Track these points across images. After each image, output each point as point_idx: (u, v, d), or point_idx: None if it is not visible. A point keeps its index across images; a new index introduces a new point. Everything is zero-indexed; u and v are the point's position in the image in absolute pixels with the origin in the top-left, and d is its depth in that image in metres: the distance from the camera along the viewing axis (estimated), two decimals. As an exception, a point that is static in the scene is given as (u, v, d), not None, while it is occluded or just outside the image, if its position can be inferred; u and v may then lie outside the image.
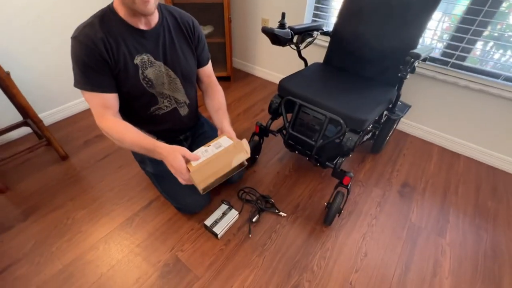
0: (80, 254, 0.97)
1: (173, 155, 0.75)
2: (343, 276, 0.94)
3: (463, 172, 1.39)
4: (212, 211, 1.12)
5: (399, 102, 1.22)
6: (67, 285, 0.88)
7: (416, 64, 0.91)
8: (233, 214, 1.05)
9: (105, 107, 0.82)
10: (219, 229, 1.01)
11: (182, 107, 1.02)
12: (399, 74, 0.93)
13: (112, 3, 0.80)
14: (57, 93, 1.57)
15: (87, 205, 1.13)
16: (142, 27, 0.82)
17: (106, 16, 0.78)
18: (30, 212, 1.10)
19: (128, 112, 0.98)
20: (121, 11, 0.79)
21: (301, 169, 1.35)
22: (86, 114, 1.67)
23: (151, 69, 0.87)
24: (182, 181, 0.78)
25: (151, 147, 0.78)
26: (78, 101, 1.67)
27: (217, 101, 1.01)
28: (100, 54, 0.76)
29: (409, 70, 0.89)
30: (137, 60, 0.84)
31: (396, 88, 1.13)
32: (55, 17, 1.41)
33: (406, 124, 1.62)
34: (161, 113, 0.97)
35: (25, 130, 1.49)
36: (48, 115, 1.56)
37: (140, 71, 0.85)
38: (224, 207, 1.09)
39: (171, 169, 0.77)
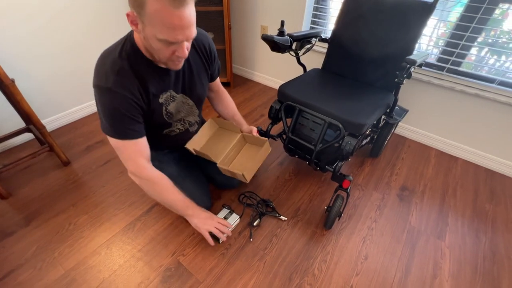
0: (82, 259, 0.97)
1: (207, 223, 0.95)
2: (344, 280, 0.94)
3: (461, 175, 1.40)
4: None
5: (396, 107, 1.25)
6: (69, 290, 0.89)
7: (412, 69, 0.93)
8: (234, 218, 1.06)
9: (139, 154, 0.81)
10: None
11: (192, 126, 1.04)
12: (396, 80, 0.95)
13: (132, 37, 0.74)
14: (60, 100, 1.59)
15: (89, 210, 1.14)
16: (165, 66, 0.79)
17: (133, 58, 0.73)
18: (32, 217, 1.11)
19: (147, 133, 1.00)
20: (147, 53, 0.75)
21: (301, 173, 1.36)
22: (88, 120, 1.69)
23: (173, 104, 0.88)
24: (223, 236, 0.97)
25: (190, 212, 0.95)
26: (80, 107, 1.69)
27: (230, 109, 1.14)
28: (137, 102, 0.75)
29: (405, 75, 0.92)
30: (162, 98, 0.84)
31: (393, 93, 1.16)
32: (59, 26, 1.43)
33: (404, 128, 1.65)
34: (173, 134, 0.99)
35: (27, 136, 1.50)
36: (50, 121, 1.58)
37: (164, 108, 0.86)
38: (225, 211, 1.10)
39: (200, 230, 0.96)
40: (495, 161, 1.42)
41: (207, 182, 1.16)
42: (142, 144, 0.82)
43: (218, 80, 1.08)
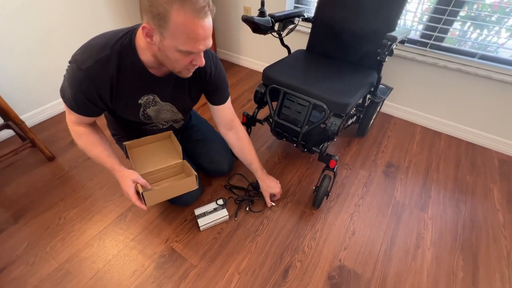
0: (75, 252, 0.98)
1: (124, 180, 0.79)
2: (333, 254, 0.98)
3: (444, 149, 1.45)
4: (204, 203, 1.14)
5: (381, 85, 1.25)
6: (65, 282, 0.90)
7: (394, 46, 0.93)
8: (223, 214, 1.06)
9: (81, 120, 0.80)
10: (204, 222, 1.03)
11: (177, 123, 1.02)
12: (378, 58, 0.95)
13: (133, 36, 0.70)
14: (39, 94, 1.53)
15: (78, 204, 1.14)
16: (158, 74, 0.77)
17: (125, 54, 0.70)
18: (20, 214, 1.09)
19: (118, 124, 0.97)
20: (145, 56, 0.71)
21: (289, 156, 1.38)
22: (70, 113, 1.63)
23: (154, 107, 0.85)
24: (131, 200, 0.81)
25: (109, 168, 0.82)
26: (61, 100, 1.63)
27: (250, 156, 1.05)
28: (101, 95, 0.73)
29: (386, 53, 0.92)
30: (142, 100, 0.81)
31: (376, 71, 1.16)
32: (31, 15, 1.35)
33: (389, 107, 1.67)
34: (156, 129, 0.97)
35: (7, 133, 1.45)
36: (30, 116, 1.52)
37: (142, 109, 0.83)
38: (218, 203, 1.10)
39: (123, 192, 0.81)
40: (476, 135, 1.47)
41: (196, 170, 1.16)
42: (88, 120, 0.81)
43: (227, 109, 0.99)
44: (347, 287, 0.90)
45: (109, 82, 0.71)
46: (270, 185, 1.08)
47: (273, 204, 1.12)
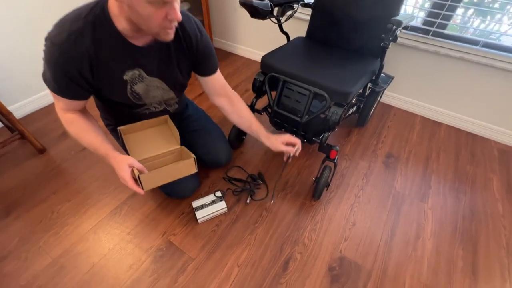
0: (69, 246, 0.95)
1: (120, 165, 0.74)
2: (333, 246, 0.97)
3: (444, 140, 1.43)
4: (202, 195, 1.11)
5: (382, 74, 1.22)
6: (59, 276, 0.87)
7: (398, 32, 0.90)
8: (221, 206, 1.04)
9: (69, 106, 0.76)
10: (202, 214, 1.01)
11: (172, 107, 0.97)
12: (382, 44, 0.92)
13: (106, 3, 0.65)
14: (27, 83, 1.46)
15: (71, 198, 1.10)
16: (139, 44, 0.72)
17: (99, 24, 0.65)
18: (11, 208, 1.06)
19: (109, 110, 0.93)
20: (120, 24, 0.66)
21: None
22: (61, 104, 1.57)
23: (141, 84, 0.80)
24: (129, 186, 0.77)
25: (103, 154, 0.77)
26: (51, 90, 1.57)
27: (246, 119, 0.96)
28: (81, 72, 0.68)
29: (391, 38, 0.88)
30: (127, 75, 0.76)
31: (379, 59, 1.13)
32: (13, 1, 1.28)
33: (389, 97, 1.64)
34: (148, 112, 0.93)
35: (-5, 125, 1.40)
36: (19, 107, 1.46)
37: (129, 87, 0.78)
38: (216, 195, 1.07)
39: (119, 177, 0.76)
40: (476, 125, 1.46)
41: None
42: (76, 105, 0.77)
43: (221, 80, 0.95)
44: (347, 278, 0.89)
45: (87, 55, 0.67)
46: (280, 137, 0.91)
47: (296, 155, 0.90)
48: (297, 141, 0.89)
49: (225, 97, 0.97)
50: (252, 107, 1.19)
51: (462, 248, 0.98)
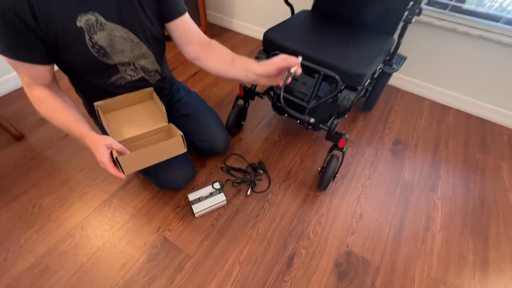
0: (54, 244, 0.87)
1: (97, 147, 0.64)
2: (340, 240, 0.92)
3: (453, 125, 1.36)
4: (198, 186, 1.03)
5: (395, 53, 1.11)
6: (44, 278, 0.80)
7: (423, 3, 0.78)
8: (220, 199, 0.96)
9: (32, 78, 0.65)
10: (199, 208, 0.93)
11: (152, 76, 0.85)
12: (403, 19, 0.80)
13: None
14: (-4, 61, 1.30)
15: (54, 190, 1.00)
16: None
17: None
18: (-14, 203, 0.96)
19: (80, 83, 0.81)
20: None
21: (290, 133, 1.26)
22: (39, 84, 1.42)
23: (102, 33, 0.67)
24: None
25: (78, 135, 0.67)
26: (26, 69, 1.40)
27: (225, 57, 0.74)
28: (24, 21, 0.56)
29: (416, 11, 0.77)
30: (81, 21, 0.63)
31: (393, 36, 1.01)
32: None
33: (397, 78, 1.54)
34: (124, 83, 0.81)
35: (-36, 108, 1.25)
36: (-10, 88, 1.31)
37: (87, 37, 0.65)
38: (215, 187, 0.99)
39: (97, 161, 0.66)
40: (487, 109, 1.39)
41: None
42: (37, 71, 0.66)
43: (187, 20, 0.77)
44: (355, 275, 0.84)
45: (26, 3, 0.55)
46: (273, 58, 0.64)
47: (298, 72, 0.61)
48: (296, 59, 0.61)
49: (198, 44, 0.78)
50: (252, 91, 1.08)
51: (472, 240, 0.95)
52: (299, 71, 0.61)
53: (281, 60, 0.61)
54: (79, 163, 1.09)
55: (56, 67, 0.72)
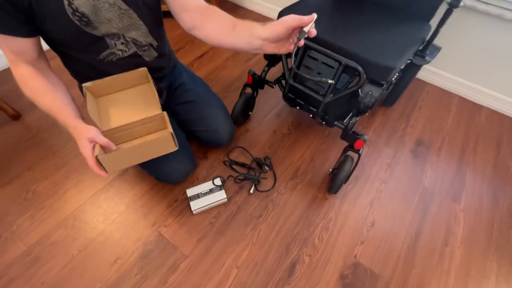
0: (46, 233, 0.83)
1: (79, 140, 0.59)
2: (347, 249, 0.85)
3: (484, 127, 1.22)
4: (198, 180, 0.97)
5: (429, 43, 0.96)
6: (34, 268, 0.77)
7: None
8: (221, 196, 0.89)
9: (15, 53, 0.58)
10: (197, 206, 0.87)
11: (146, 51, 0.76)
12: (449, 1, 0.66)
13: None
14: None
15: (49, 175, 0.96)
16: None
17: None
18: (-20, 185, 0.93)
19: (70, 61, 0.73)
20: None
21: (301, 127, 1.16)
22: (39, 60, 1.35)
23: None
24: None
25: (63, 123, 0.61)
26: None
27: (224, 19, 0.62)
28: None
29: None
30: None
31: (429, 22, 0.87)
32: None
33: (423, 70, 1.38)
34: (115, 59, 0.72)
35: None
36: (-12, 62, 1.25)
37: (66, 2, 0.56)
38: (215, 183, 0.92)
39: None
40: (525, 110, 1.23)
41: (186, 140, 0.96)
42: (20, 45, 0.58)
43: None
44: (362, 289, 0.78)
45: None
46: (281, 19, 0.53)
47: (312, 33, 0.52)
48: (310, 17, 0.50)
49: (195, 11, 0.65)
50: (262, 78, 0.97)
51: (496, 259, 0.85)
52: (314, 31, 0.52)
53: (291, 18, 0.50)
54: (76, 147, 1.01)
55: (47, 47, 0.65)
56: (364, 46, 0.74)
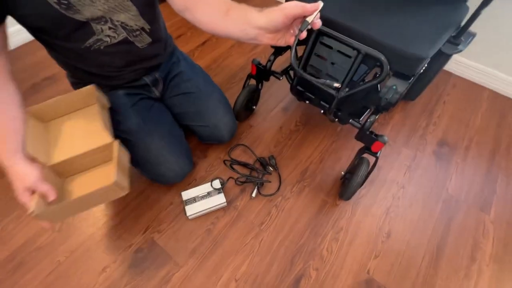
0: (31, 237, 0.78)
1: (15, 186, 0.51)
2: (359, 263, 0.76)
3: (518, 125, 1.09)
4: (196, 180, 0.88)
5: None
6: (17, 275, 0.72)
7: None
8: (219, 200, 0.81)
9: None
10: (193, 211, 0.79)
11: (138, 36, 0.66)
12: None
13: None
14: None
15: (37, 173, 0.89)
16: None
17: None
18: (-34, 182, 0.87)
19: (54, 50, 0.65)
20: None
21: (310, 123, 1.05)
22: (32, 47, 1.27)
23: None
24: None
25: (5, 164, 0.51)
26: (17, 28, 1.25)
27: (218, 3, 0.53)
28: None
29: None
30: None
31: (466, 1, 0.73)
32: None
33: (449, 60, 1.23)
34: (103, 47, 0.63)
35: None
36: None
37: None
38: (214, 186, 0.83)
39: None
40: None
41: (184, 137, 0.87)
42: None
43: None
44: (375, 310, 0.69)
45: None
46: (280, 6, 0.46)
47: (317, 25, 0.46)
48: (314, 4, 0.43)
49: None
50: (267, 69, 0.86)
51: (531, 280, 0.75)
52: (319, 22, 0.45)
53: (292, 5, 0.43)
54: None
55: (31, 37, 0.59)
56: (388, 31, 0.62)
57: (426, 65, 0.88)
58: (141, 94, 0.78)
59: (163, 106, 0.84)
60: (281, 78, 0.89)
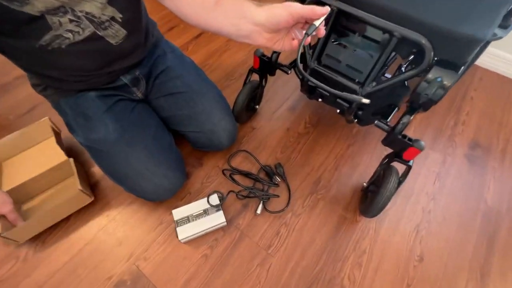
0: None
1: None
2: (389, 294, 0.62)
3: (558, 123, 0.95)
4: (191, 194, 0.75)
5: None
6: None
7: None
8: (218, 220, 0.67)
9: None
10: (186, 234, 0.65)
11: (109, 29, 0.52)
12: None
13: None
14: None
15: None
16: None
17: None
18: None
19: (5, 51, 0.51)
20: None
21: (321, 123, 0.92)
22: None
23: None
24: None
25: None
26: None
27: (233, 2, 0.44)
28: None
29: None
30: None
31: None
32: None
33: (475, 50, 1.10)
34: (65, 46, 0.49)
35: None
36: None
37: None
38: (211, 202, 0.69)
39: None
40: None
41: (173, 143, 0.73)
42: None
43: None
44: None
45: None
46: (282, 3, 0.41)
47: (321, 32, 0.42)
48: (323, 8, 0.39)
49: None
50: (272, 61, 0.73)
51: None
52: (323, 30, 0.42)
53: (299, 5, 0.39)
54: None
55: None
56: (430, 7, 0.48)
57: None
58: (119, 95, 0.64)
59: (147, 107, 0.71)
60: (289, 72, 0.76)
